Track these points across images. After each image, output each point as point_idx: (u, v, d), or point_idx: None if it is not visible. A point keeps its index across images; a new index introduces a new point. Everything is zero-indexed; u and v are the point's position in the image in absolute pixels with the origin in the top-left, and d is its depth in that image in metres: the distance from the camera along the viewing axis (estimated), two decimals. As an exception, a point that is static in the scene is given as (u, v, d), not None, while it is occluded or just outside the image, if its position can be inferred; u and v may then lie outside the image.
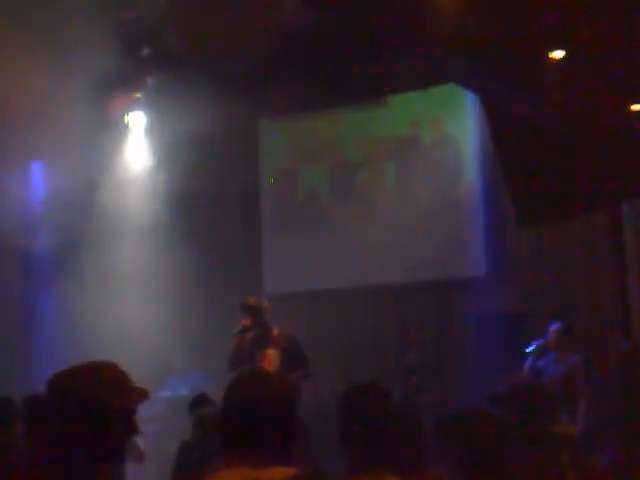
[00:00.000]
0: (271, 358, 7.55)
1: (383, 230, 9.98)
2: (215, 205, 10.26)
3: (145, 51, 8.79)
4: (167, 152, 9.76)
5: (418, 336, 9.86)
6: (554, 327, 7.76)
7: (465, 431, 3.14)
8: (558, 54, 5.51)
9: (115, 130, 9.87)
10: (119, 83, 9.01)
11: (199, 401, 6.17)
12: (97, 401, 2.35)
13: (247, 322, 7.69)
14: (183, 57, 8.76)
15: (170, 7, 7.99)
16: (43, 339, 10.12)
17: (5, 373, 9.03)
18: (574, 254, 9.10)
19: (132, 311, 9.11)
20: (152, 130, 10.05)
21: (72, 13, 7.29)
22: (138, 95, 9.52)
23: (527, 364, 7.82)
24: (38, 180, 10.55)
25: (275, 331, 7.71)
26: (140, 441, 6.30)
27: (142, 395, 2.44)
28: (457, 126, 9.89)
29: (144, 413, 2.54)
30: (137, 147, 10.17)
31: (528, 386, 4.43)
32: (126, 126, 10.02)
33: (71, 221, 9.56)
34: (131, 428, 2.41)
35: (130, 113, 9.87)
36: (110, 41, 7.96)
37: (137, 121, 10.03)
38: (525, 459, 3.58)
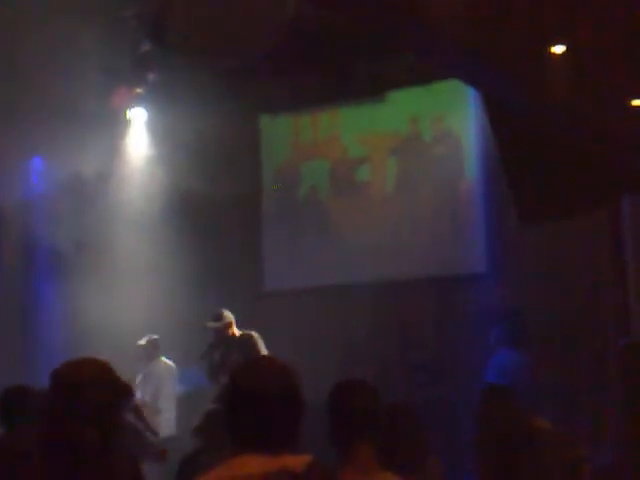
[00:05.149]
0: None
1: (384, 226, 9.98)
2: (215, 201, 10.23)
3: (146, 47, 8.77)
4: (168, 148, 9.75)
5: (420, 333, 9.85)
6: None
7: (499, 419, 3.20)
8: (559, 49, 5.50)
9: (116, 126, 9.84)
10: (120, 79, 8.99)
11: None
12: (81, 397, 2.35)
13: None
14: (184, 53, 8.74)
15: (171, 3, 7.98)
16: (46, 333, 10.11)
17: (10, 366, 9.02)
18: (575, 251, 9.07)
19: (131, 306, 9.10)
20: (153, 126, 10.04)
21: (73, 9, 7.29)
22: (139, 91, 9.49)
23: None
24: (39, 175, 10.53)
25: (236, 333, 7.79)
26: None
27: (126, 391, 2.43)
28: (458, 122, 9.88)
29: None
30: (138, 143, 10.15)
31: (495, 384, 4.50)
32: (127, 122, 10.00)
33: (72, 215, 9.55)
34: (113, 424, 2.40)
35: (131, 109, 9.85)
36: (111, 37, 7.95)
37: (138, 117, 10.01)
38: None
